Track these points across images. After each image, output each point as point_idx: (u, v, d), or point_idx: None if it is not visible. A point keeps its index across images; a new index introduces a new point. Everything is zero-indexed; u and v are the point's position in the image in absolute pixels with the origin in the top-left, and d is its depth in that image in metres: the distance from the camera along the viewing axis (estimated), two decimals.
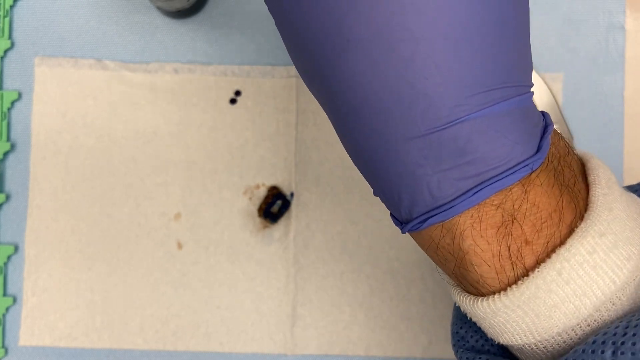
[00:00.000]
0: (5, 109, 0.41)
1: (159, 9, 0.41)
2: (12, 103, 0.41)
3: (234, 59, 0.42)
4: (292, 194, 0.41)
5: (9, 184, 0.41)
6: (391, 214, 0.22)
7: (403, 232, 0.21)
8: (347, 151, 0.22)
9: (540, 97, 0.42)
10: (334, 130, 0.32)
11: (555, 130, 0.21)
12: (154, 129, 0.41)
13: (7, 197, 0.41)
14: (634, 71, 0.42)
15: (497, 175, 0.19)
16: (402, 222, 0.21)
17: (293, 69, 0.41)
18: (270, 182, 0.41)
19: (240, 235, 0.41)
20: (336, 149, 0.41)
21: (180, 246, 0.41)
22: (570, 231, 0.20)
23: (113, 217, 0.41)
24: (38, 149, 0.41)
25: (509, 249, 0.20)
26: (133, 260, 0.41)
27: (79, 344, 0.40)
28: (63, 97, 0.41)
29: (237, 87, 0.41)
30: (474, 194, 0.19)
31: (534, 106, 0.21)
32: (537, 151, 0.20)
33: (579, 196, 0.20)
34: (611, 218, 0.20)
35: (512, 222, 0.19)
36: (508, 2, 0.19)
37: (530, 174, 0.20)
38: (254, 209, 0.41)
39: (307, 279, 0.41)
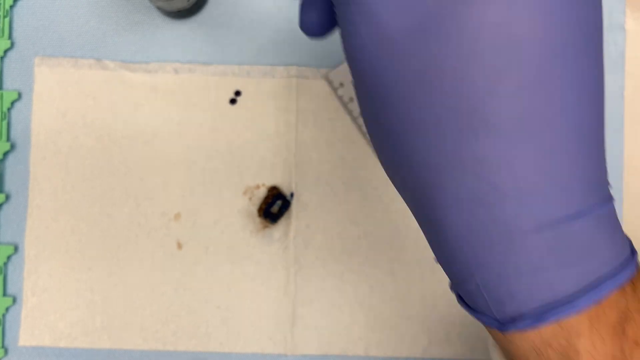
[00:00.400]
0: (5, 109, 0.41)
1: (159, 9, 0.41)
2: (12, 103, 0.41)
3: (234, 59, 0.42)
4: (292, 194, 0.41)
5: (9, 184, 0.41)
6: (478, 314, 0.21)
7: (505, 331, 0.20)
8: (433, 244, 0.21)
9: None
10: (333, 130, 0.32)
11: None
12: (154, 129, 0.41)
13: (7, 197, 0.41)
14: (634, 71, 0.42)
15: (613, 271, 0.19)
16: (501, 321, 0.20)
17: (293, 69, 0.41)
18: (270, 182, 0.41)
19: (240, 236, 0.41)
20: (336, 148, 0.41)
21: (180, 246, 0.41)
22: None
23: (113, 217, 0.41)
24: (38, 149, 0.41)
25: (622, 350, 0.19)
26: (133, 260, 0.41)
27: (78, 344, 0.40)
28: (63, 97, 0.41)
29: (237, 87, 0.41)
30: (594, 289, 0.19)
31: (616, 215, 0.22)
32: (632, 251, 0.20)
33: None
34: None
35: (627, 320, 0.19)
36: (600, 114, 0.20)
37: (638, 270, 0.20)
38: (254, 209, 0.41)
39: (307, 279, 0.41)
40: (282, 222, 0.41)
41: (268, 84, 0.41)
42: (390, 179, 0.22)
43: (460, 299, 0.21)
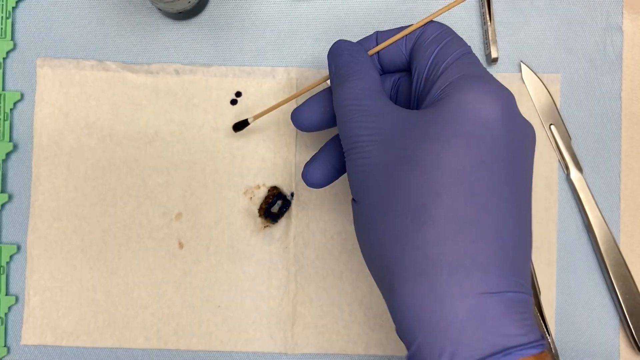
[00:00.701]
0: (7, 110, 0.41)
1: (161, 10, 0.41)
2: (15, 104, 0.41)
3: (234, 60, 0.42)
4: (292, 194, 0.41)
5: (12, 184, 0.41)
6: None
7: None
8: (389, 301, 0.28)
9: (539, 98, 0.42)
10: (333, 130, 0.33)
11: None
12: (156, 129, 0.41)
13: (10, 197, 0.41)
14: (632, 72, 0.43)
15: (523, 345, 0.25)
16: None
17: (293, 70, 0.42)
18: (271, 182, 0.41)
19: (241, 235, 0.41)
20: None
21: (181, 246, 0.41)
22: None
23: (115, 217, 0.41)
24: (40, 149, 0.41)
25: None
26: (134, 259, 0.41)
27: (80, 343, 0.40)
28: (65, 98, 0.41)
29: (237, 88, 0.42)
30: (504, 355, 0.25)
31: (533, 306, 0.29)
32: (542, 337, 0.26)
33: None
34: None
35: None
36: (528, 238, 0.29)
37: (542, 352, 0.25)
38: (254, 208, 0.41)
39: (307, 278, 0.41)
40: (282, 221, 0.41)
41: (268, 84, 0.42)
42: (366, 262, 0.30)
43: None
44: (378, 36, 0.33)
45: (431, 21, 0.32)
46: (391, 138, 0.28)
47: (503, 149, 0.27)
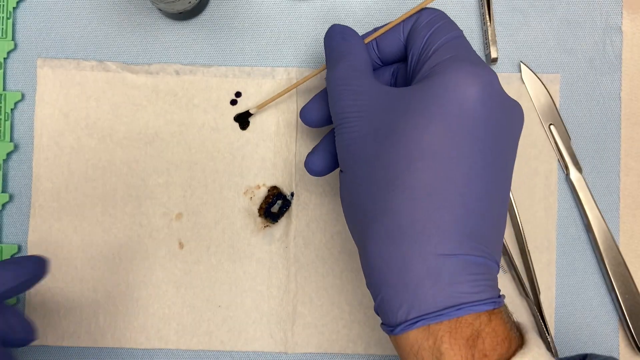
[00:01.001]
0: (8, 110, 0.41)
1: (161, 10, 0.41)
2: (15, 104, 0.41)
3: (234, 61, 0.42)
4: (292, 194, 0.41)
5: (12, 185, 0.41)
6: (382, 324, 0.30)
7: (395, 333, 0.28)
8: (362, 259, 0.30)
9: (538, 98, 0.42)
10: (333, 130, 0.33)
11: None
12: (156, 129, 0.41)
13: (10, 198, 0.41)
14: (631, 72, 0.43)
15: (475, 302, 0.27)
16: (393, 325, 0.28)
17: (293, 70, 0.42)
18: (271, 182, 0.41)
19: (241, 235, 0.41)
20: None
21: (181, 246, 0.41)
22: (514, 354, 0.27)
23: (115, 217, 0.41)
24: (41, 149, 0.41)
25: (474, 357, 0.27)
26: (135, 259, 0.41)
27: (81, 343, 0.41)
28: (65, 98, 0.41)
29: (237, 88, 0.42)
30: (457, 309, 0.27)
31: (494, 272, 0.30)
32: (499, 296, 0.29)
33: (519, 338, 0.29)
34: (541, 352, 0.27)
35: (477, 337, 0.27)
36: (502, 215, 0.30)
37: (494, 309, 0.28)
38: (254, 208, 0.41)
39: (308, 278, 0.41)
40: (282, 221, 0.41)
41: (268, 85, 0.42)
42: (348, 227, 0.32)
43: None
44: (376, 28, 0.35)
45: (426, 7, 0.33)
46: (375, 113, 0.30)
47: (480, 128, 0.29)
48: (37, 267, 0.33)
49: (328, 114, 0.34)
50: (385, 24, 0.34)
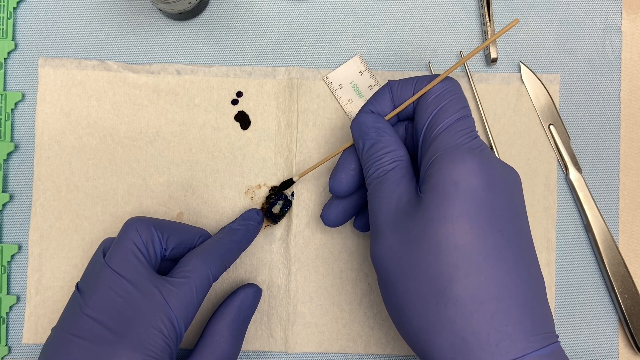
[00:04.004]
0: (8, 110, 0.41)
1: (161, 11, 0.41)
2: (16, 104, 0.42)
3: (235, 60, 0.42)
4: (292, 194, 0.41)
5: (13, 184, 0.41)
6: None
7: None
8: None
9: (538, 98, 0.42)
10: (333, 130, 0.33)
11: None
12: (157, 129, 0.41)
13: (11, 197, 0.41)
14: (631, 72, 0.43)
15: None
16: None
17: (294, 70, 0.42)
18: (272, 182, 0.41)
19: None
20: (336, 148, 0.41)
21: None
22: None
23: (116, 217, 0.41)
24: (42, 149, 0.41)
25: None
26: None
27: None
28: (66, 98, 0.41)
29: (238, 88, 0.42)
30: None
31: (562, 350, 0.30)
32: None
33: None
34: None
35: None
36: (539, 281, 0.31)
37: None
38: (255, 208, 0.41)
39: (308, 277, 0.41)
40: (283, 221, 0.41)
41: (269, 84, 0.42)
42: (397, 328, 0.33)
43: None
44: (391, 87, 0.35)
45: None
46: (397, 219, 0.31)
47: (496, 212, 0.30)
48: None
49: (353, 182, 0.36)
50: (400, 81, 0.35)
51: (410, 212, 0.31)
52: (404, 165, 0.33)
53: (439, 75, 0.34)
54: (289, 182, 0.40)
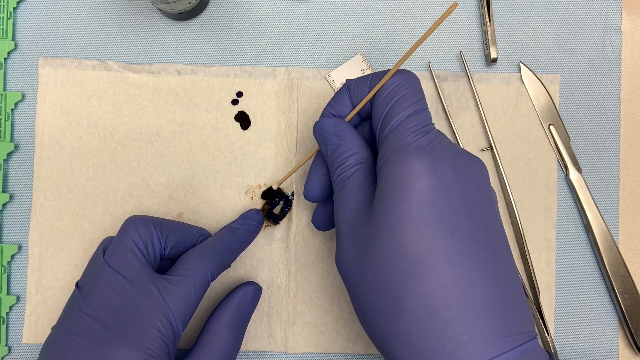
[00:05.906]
0: (8, 110, 0.41)
1: (161, 11, 0.41)
2: (15, 104, 0.42)
3: (234, 60, 0.42)
4: (292, 194, 0.41)
5: (13, 184, 0.41)
6: None
7: None
8: None
9: (538, 98, 0.42)
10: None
11: None
12: (157, 129, 0.41)
13: (11, 197, 0.41)
14: (631, 72, 0.43)
15: None
16: None
17: (294, 70, 0.42)
18: (272, 182, 0.41)
19: None
20: None
21: None
22: None
23: (116, 217, 0.41)
24: (42, 149, 0.41)
25: None
26: None
27: None
28: (67, 98, 0.41)
29: (239, 88, 0.42)
30: None
31: (540, 348, 0.29)
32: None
33: None
34: None
35: None
36: (507, 279, 0.29)
37: None
38: (255, 208, 0.41)
39: (308, 277, 0.41)
40: (282, 221, 0.41)
41: (269, 84, 0.42)
42: (368, 336, 0.32)
43: None
44: (349, 86, 0.34)
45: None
46: (354, 228, 0.31)
47: (449, 213, 0.28)
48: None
49: (326, 189, 0.36)
50: (357, 80, 0.34)
51: (365, 220, 0.30)
52: (365, 168, 0.32)
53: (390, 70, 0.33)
54: (270, 191, 0.41)
